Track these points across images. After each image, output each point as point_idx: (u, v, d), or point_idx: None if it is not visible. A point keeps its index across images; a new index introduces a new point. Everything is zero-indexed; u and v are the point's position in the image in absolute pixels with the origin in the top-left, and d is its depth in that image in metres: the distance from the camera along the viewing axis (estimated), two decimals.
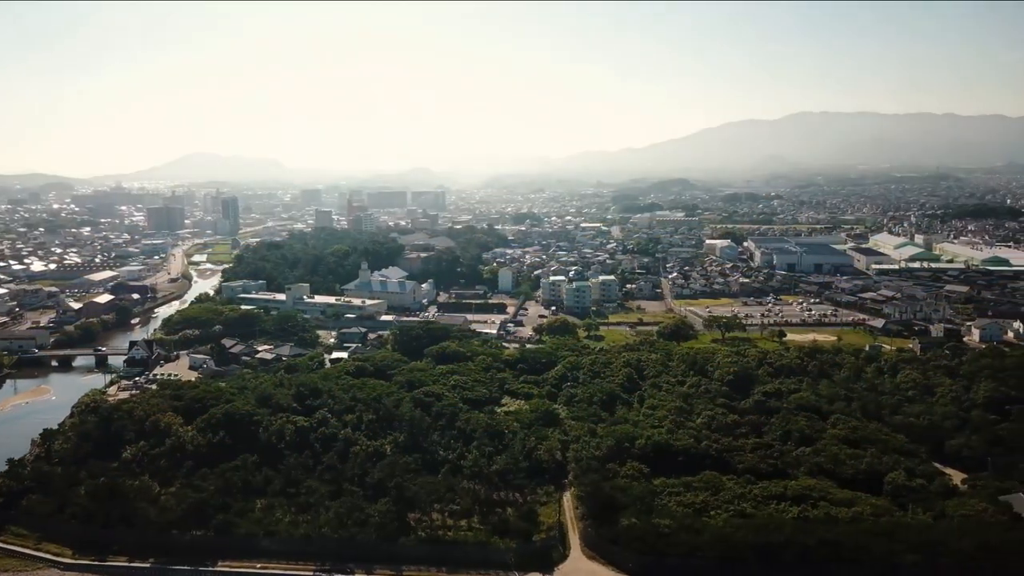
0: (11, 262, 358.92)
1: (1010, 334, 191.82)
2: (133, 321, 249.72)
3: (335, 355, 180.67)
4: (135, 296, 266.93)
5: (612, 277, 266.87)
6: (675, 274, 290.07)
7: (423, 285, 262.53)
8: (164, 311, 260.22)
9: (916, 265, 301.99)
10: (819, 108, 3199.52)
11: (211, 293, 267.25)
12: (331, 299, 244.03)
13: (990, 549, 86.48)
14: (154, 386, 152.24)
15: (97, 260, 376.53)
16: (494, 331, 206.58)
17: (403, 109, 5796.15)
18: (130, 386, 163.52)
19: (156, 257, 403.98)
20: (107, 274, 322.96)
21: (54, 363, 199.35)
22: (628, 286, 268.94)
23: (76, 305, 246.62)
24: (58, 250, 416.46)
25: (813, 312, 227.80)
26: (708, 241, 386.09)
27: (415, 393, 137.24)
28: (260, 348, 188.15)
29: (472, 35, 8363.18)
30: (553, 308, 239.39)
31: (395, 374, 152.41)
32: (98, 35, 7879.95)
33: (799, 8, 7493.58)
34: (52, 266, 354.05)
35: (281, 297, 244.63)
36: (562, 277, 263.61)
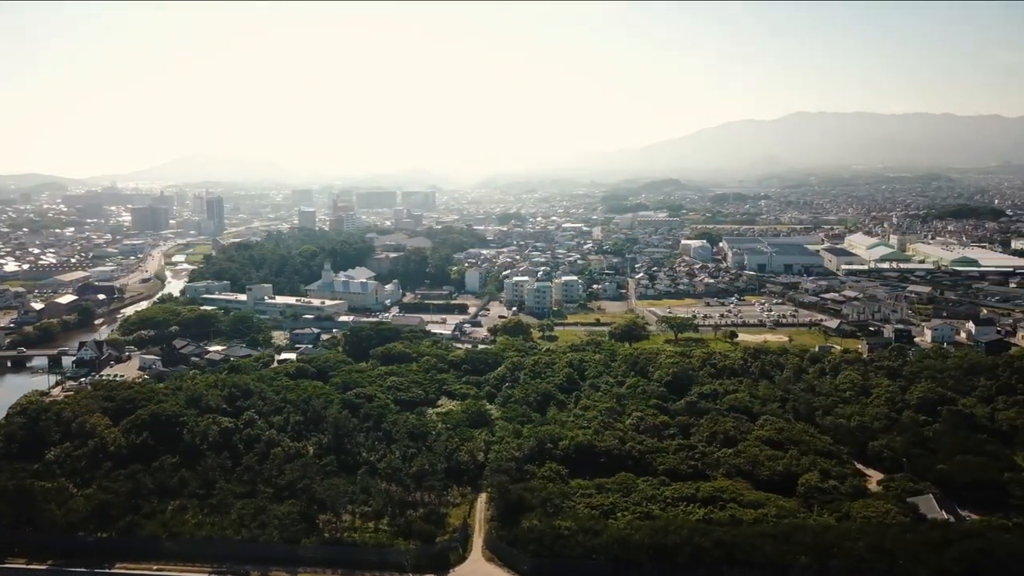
0: None
1: (962, 335, 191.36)
2: (97, 322, 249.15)
3: (283, 356, 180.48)
4: (100, 296, 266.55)
5: (575, 277, 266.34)
6: (641, 274, 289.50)
7: (387, 286, 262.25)
8: (131, 312, 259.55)
9: (885, 265, 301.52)
10: (817, 108, 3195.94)
11: (175, 294, 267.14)
12: (291, 300, 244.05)
13: (883, 551, 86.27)
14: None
15: (73, 260, 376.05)
16: (449, 331, 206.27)
17: (405, 112, 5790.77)
18: (76, 387, 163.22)
19: (132, 257, 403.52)
20: (79, 275, 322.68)
21: (8, 364, 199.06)
22: (594, 286, 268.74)
23: (38, 306, 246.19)
24: (36, 250, 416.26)
25: (773, 312, 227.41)
26: (684, 241, 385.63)
27: (347, 395, 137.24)
28: (211, 349, 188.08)
29: (473, 37, 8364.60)
30: (514, 309, 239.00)
31: (334, 375, 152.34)
32: (96, 36, 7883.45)
33: (797, 9, 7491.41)
34: (26, 266, 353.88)
35: (243, 298, 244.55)
36: (525, 278, 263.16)
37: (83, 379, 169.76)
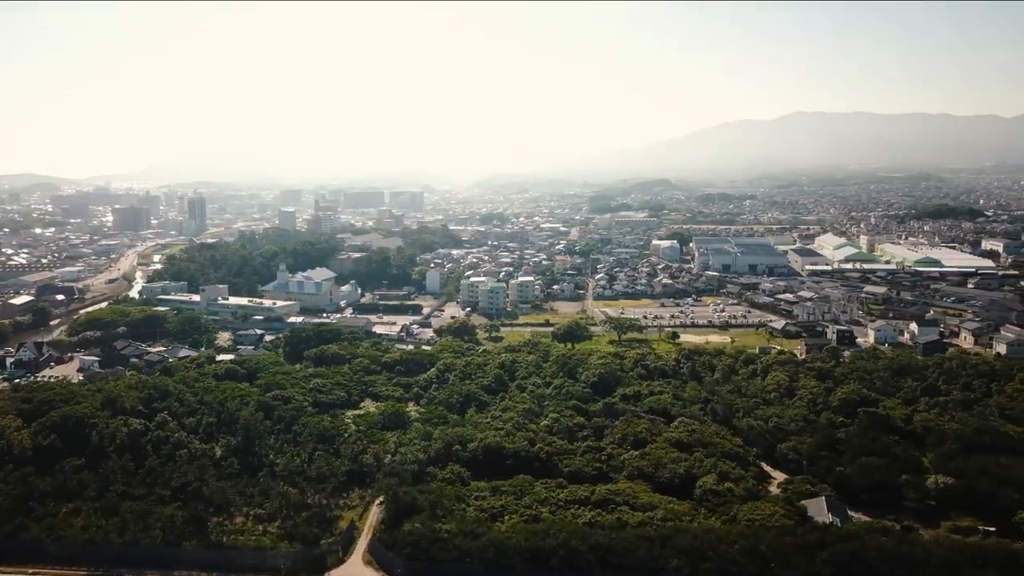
0: None
1: (906, 335, 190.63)
2: (53, 323, 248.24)
3: (222, 357, 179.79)
4: (59, 297, 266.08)
5: (531, 278, 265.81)
6: (601, 275, 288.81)
7: (343, 287, 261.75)
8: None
9: (849, 266, 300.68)
10: (815, 108, 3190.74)
11: (131, 295, 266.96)
12: (244, 300, 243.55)
13: (758, 553, 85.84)
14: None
15: (44, 261, 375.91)
16: (396, 332, 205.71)
17: (407, 112, 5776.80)
18: (9, 388, 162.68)
19: (103, 258, 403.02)
20: (45, 275, 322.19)
21: None
22: (554, 287, 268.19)
23: None
24: (9, 251, 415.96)
25: (725, 313, 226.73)
26: (654, 242, 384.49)
27: (264, 396, 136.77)
28: (151, 350, 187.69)
29: (475, 36, 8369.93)
30: (468, 309, 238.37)
31: (260, 377, 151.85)
32: (99, 36, 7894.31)
33: (795, 8, 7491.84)
34: None
35: (197, 298, 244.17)
36: (483, 278, 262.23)
37: (18, 380, 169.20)
